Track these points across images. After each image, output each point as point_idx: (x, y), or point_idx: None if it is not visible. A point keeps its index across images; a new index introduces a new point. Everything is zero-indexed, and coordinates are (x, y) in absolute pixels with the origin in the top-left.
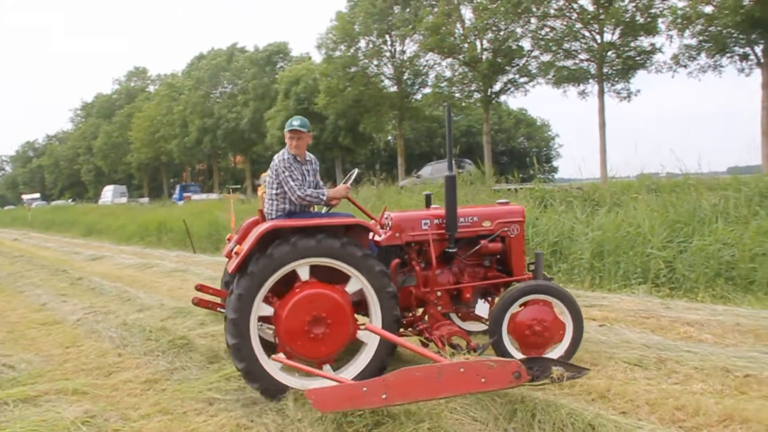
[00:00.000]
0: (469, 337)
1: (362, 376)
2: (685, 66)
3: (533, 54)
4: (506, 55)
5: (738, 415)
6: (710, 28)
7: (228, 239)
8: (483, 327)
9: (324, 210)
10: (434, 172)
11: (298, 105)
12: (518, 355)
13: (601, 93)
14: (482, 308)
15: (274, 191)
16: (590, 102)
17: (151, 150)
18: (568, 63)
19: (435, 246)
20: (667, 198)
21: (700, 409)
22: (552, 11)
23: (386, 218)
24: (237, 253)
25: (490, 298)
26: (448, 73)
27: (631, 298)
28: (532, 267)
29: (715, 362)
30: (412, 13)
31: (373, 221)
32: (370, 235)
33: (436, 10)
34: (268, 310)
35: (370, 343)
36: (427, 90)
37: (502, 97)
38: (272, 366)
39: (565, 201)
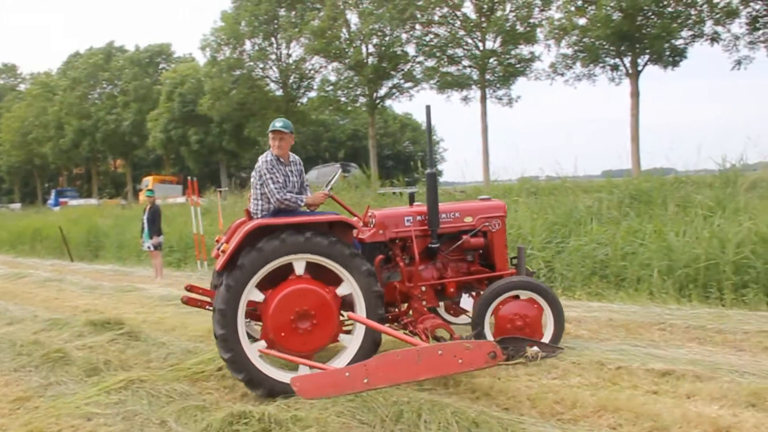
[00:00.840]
0: (453, 330)
1: None
2: (562, 74)
3: (418, 59)
4: (391, 60)
5: (611, 405)
6: (584, 39)
7: (216, 240)
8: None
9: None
10: (320, 176)
11: (182, 107)
12: None
13: (484, 99)
14: (467, 302)
15: (258, 192)
16: (473, 107)
17: (23, 153)
18: (452, 69)
19: (418, 242)
20: (545, 200)
21: (577, 402)
22: (436, 18)
23: (370, 216)
24: (224, 251)
25: (474, 293)
26: (333, 77)
27: None
28: (515, 261)
29: (591, 356)
30: (298, 16)
31: (356, 219)
32: (354, 232)
33: (321, 14)
34: (259, 296)
35: (355, 338)
36: (313, 94)
37: (388, 102)
38: (257, 357)
39: None
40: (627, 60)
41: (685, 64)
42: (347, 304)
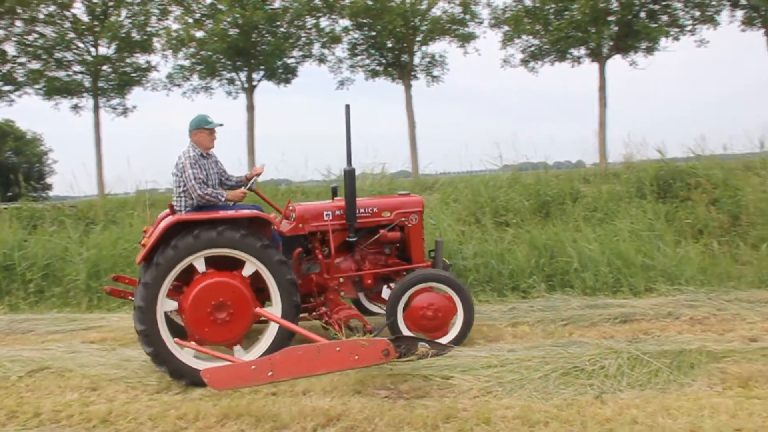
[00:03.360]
0: (366, 320)
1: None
2: (179, 86)
3: (20, 60)
4: None
5: (233, 412)
6: (202, 52)
7: (144, 231)
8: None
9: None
10: None
11: None
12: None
13: (97, 107)
14: (387, 294)
15: (180, 188)
16: (86, 117)
17: None
18: (61, 74)
19: (336, 235)
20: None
21: (200, 414)
22: (41, 16)
23: (291, 209)
24: (144, 245)
25: (392, 284)
26: None
27: (131, 316)
28: (433, 254)
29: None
30: None
31: (277, 213)
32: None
33: None
34: (172, 305)
35: (272, 325)
36: None
37: None
38: (177, 349)
39: (57, 220)
40: (243, 75)
41: (297, 82)
42: (263, 291)
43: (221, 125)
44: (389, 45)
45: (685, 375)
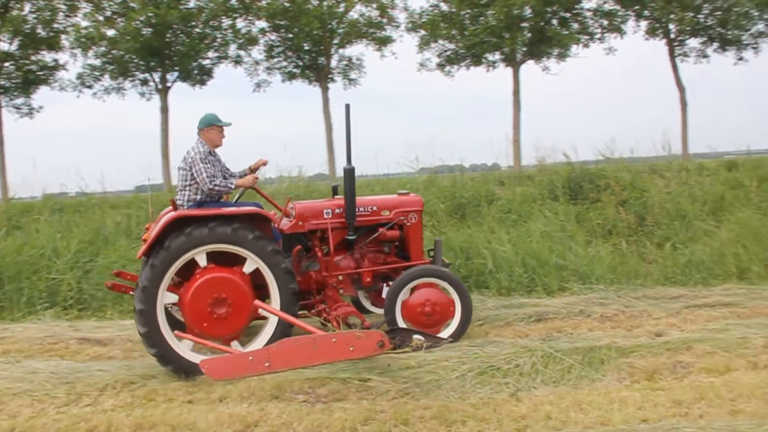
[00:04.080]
0: (364, 317)
1: None
2: (89, 86)
3: None
4: None
5: (147, 422)
6: (113, 51)
7: (147, 228)
8: None
9: (234, 200)
10: None
11: None
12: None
13: None
14: (387, 291)
15: (186, 183)
16: None
17: None
18: None
19: (336, 234)
20: (71, 218)
21: (112, 425)
22: None
23: (291, 208)
24: (145, 240)
25: (390, 282)
26: None
27: (38, 326)
28: (432, 253)
29: (124, 377)
30: None
31: (277, 211)
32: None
33: None
34: (172, 298)
35: (270, 321)
36: None
37: None
38: (182, 348)
39: None
40: (157, 75)
41: (213, 83)
42: (263, 287)
43: (230, 124)
44: (306, 47)
45: (596, 370)
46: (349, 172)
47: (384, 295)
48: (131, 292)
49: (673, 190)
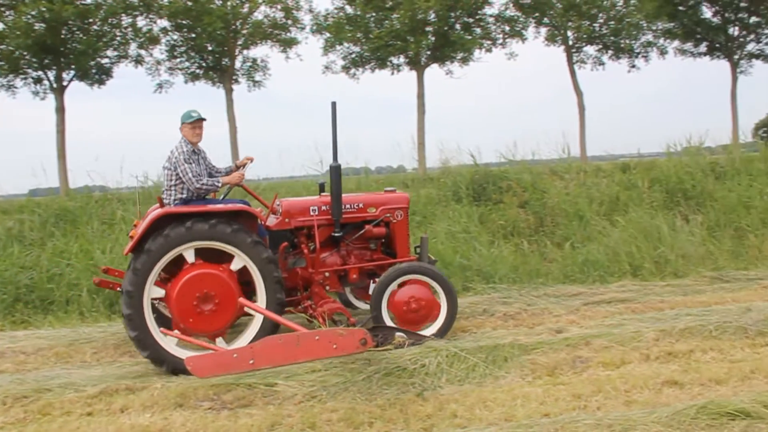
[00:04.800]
0: (349, 313)
1: None
2: None
3: None
4: None
5: None
6: (2, 47)
7: (135, 225)
8: None
9: (221, 196)
10: None
11: None
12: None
13: None
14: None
15: (172, 182)
16: None
17: None
18: None
19: (322, 230)
20: None
21: None
22: None
23: (277, 204)
24: (132, 237)
25: (377, 279)
26: None
27: None
28: (419, 250)
29: (16, 392)
30: None
31: (264, 208)
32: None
33: None
34: (159, 293)
35: (256, 319)
36: None
37: None
38: (161, 336)
39: None
40: (52, 74)
41: (112, 83)
42: (249, 284)
43: (205, 119)
44: (210, 48)
45: (500, 368)
46: (336, 170)
47: (371, 291)
48: (119, 289)
49: (571, 191)
